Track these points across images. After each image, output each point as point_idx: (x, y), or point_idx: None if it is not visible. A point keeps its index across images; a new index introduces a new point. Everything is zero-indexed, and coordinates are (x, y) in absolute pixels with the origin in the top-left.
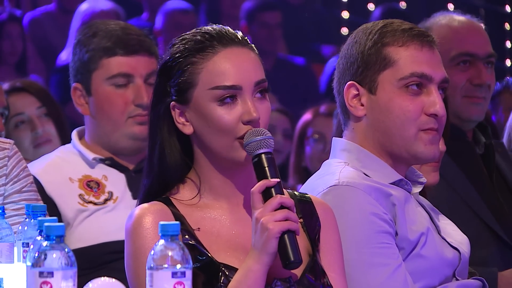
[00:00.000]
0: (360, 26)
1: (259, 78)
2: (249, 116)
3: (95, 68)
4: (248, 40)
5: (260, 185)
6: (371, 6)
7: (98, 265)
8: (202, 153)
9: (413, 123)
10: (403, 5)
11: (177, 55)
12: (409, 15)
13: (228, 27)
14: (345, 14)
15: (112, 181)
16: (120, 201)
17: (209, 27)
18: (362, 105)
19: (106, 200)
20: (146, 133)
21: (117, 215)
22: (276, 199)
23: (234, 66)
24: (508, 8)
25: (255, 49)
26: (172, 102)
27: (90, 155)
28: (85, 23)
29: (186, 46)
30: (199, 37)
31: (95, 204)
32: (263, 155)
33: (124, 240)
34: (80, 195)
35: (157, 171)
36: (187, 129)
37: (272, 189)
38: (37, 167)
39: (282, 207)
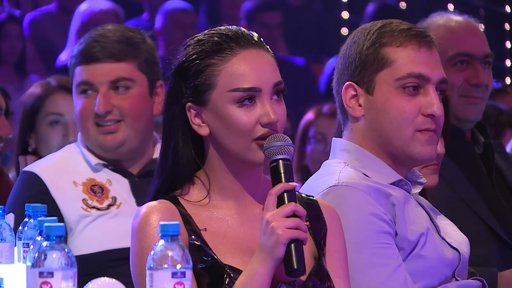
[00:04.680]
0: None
1: (277, 79)
2: (268, 118)
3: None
4: (263, 41)
5: (279, 187)
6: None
7: (99, 272)
8: (217, 154)
9: (409, 124)
10: (403, 5)
11: (193, 57)
12: (405, 12)
13: (244, 29)
14: (345, 14)
15: (116, 185)
16: (123, 207)
17: (224, 28)
18: (360, 105)
19: (109, 206)
20: (115, 144)
21: (120, 222)
22: (290, 206)
23: (252, 68)
24: (508, 8)
25: (271, 50)
26: (188, 103)
27: (93, 161)
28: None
29: (203, 48)
30: (216, 38)
31: (98, 209)
32: (280, 161)
33: (126, 248)
34: (83, 199)
35: (169, 171)
36: (203, 131)
37: (286, 195)
38: (42, 168)
39: (294, 215)
